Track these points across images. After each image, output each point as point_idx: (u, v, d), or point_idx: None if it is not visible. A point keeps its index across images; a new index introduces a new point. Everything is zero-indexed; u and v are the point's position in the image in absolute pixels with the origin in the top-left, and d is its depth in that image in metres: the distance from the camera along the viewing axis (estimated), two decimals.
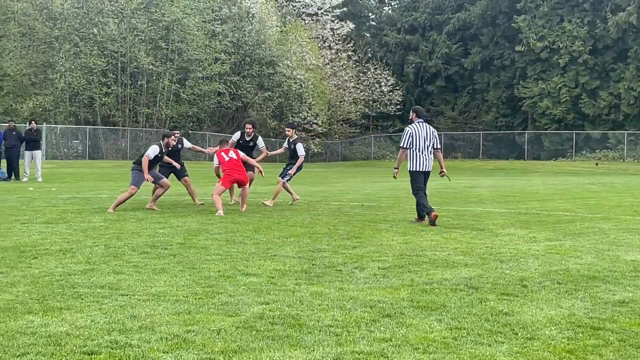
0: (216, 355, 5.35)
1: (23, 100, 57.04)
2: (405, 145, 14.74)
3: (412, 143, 14.68)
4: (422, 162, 14.74)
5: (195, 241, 11.27)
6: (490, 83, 77.82)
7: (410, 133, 14.72)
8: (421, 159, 14.72)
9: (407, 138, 14.72)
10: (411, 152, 14.71)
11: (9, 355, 5.28)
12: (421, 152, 14.70)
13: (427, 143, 14.76)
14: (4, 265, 8.88)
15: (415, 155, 14.69)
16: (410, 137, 14.70)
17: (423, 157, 14.73)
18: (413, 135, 14.69)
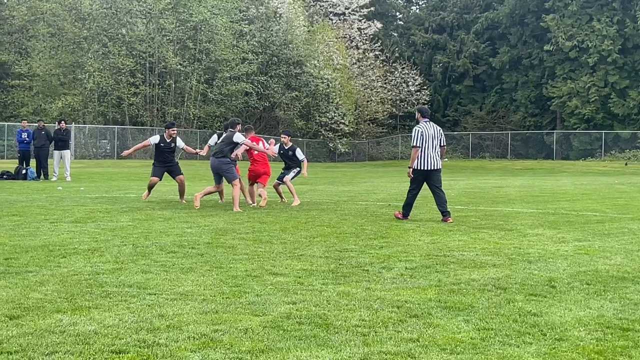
0: (243, 355, 5.35)
1: (52, 100, 57.50)
2: (418, 144, 14.82)
3: (423, 142, 14.80)
4: (430, 161, 14.87)
5: (223, 240, 11.28)
6: (519, 82, 77.46)
7: (421, 132, 14.83)
8: (429, 158, 14.85)
9: (418, 137, 14.82)
10: (420, 152, 14.84)
11: (38, 354, 5.31)
12: (430, 151, 14.83)
13: (435, 142, 14.91)
14: (33, 264, 8.94)
15: (425, 155, 14.83)
16: (420, 137, 14.81)
17: (431, 156, 14.87)
18: (424, 134, 14.81)
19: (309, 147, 71.28)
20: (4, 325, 6.03)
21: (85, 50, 58.19)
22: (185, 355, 5.32)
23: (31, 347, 5.46)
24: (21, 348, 5.44)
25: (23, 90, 61.50)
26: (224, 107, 63.56)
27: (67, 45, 59.17)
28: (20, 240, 11.07)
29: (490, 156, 70.68)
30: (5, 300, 6.95)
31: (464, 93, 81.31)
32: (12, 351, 5.36)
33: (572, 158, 67.09)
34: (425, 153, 14.83)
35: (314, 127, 69.80)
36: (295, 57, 66.99)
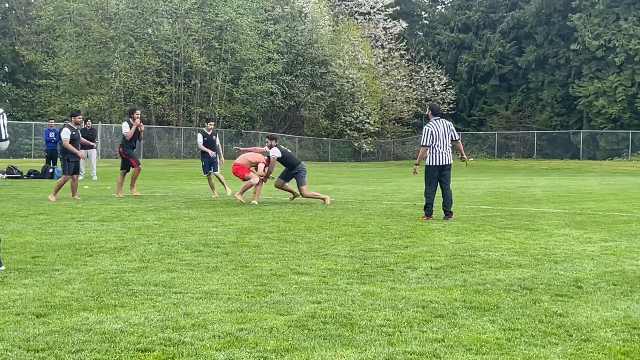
0: (268, 354, 5.36)
1: (79, 99, 57.87)
2: (427, 144, 15.05)
3: (433, 140, 15.02)
4: (442, 158, 15.11)
5: (248, 240, 11.31)
6: (545, 82, 77.05)
7: (431, 131, 15.05)
8: (442, 155, 15.09)
9: (428, 136, 15.03)
10: (433, 150, 15.06)
11: (64, 352, 5.35)
12: (443, 148, 15.08)
13: (447, 140, 15.14)
14: (60, 263, 9.00)
15: (437, 152, 15.06)
16: (431, 135, 15.02)
17: (444, 153, 15.11)
18: (434, 133, 15.03)
19: (334, 147, 71.26)
20: (31, 323, 6.08)
21: (112, 49, 58.50)
22: (210, 354, 5.34)
23: (58, 345, 5.50)
24: (48, 346, 5.48)
25: (50, 89, 61.92)
26: (249, 107, 63.69)
27: (93, 45, 59.50)
28: (47, 238, 11.15)
29: (516, 156, 70.34)
30: (32, 298, 7.00)
31: (490, 92, 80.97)
32: (39, 349, 5.40)
33: (599, 158, 66.64)
34: (437, 150, 15.05)
35: (339, 127, 69.77)
36: (321, 56, 66.99)
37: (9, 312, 6.44)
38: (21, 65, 67.31)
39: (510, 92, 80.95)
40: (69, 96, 60.06)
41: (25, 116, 62.03)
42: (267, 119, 68.97)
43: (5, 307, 6.63)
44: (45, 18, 61.21)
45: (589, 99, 71.06)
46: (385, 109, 74.28)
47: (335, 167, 55.93)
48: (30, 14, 65.98)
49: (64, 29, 59.86)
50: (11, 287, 7.50)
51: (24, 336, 5.72)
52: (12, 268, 8.58)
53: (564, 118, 76.64)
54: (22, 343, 5.54)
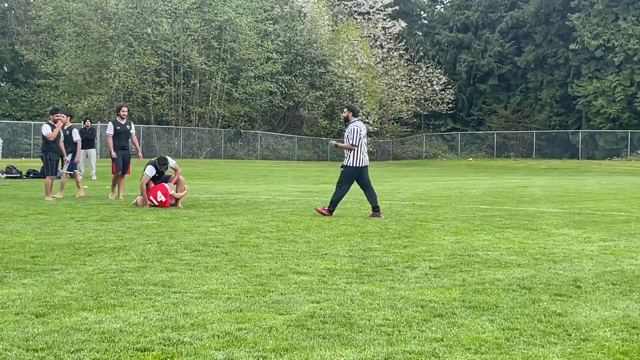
0: (267, 354, 5.37)
1: (78, 99, 57.85)
2: (357, 143, 15.29)
3: (359, 141, 15.30)
4: (364, 159, 15.44)
5: (247, 239, 11.32)
6: (544, 82, 77.04)
7: (358, 131, 15.32)
8: (364, 156, 15.44)
9: (356, 136, 15.29)
10: (357, 150, 15.32)
11: (63, 351, 5.35)
12: (364, 149, 15.42)
13: (365, 140, 15.59)
14: (59, 262, 9.01)
15: (360, 153, 15.34)
16: (358, 136, 15.29)
17: (365, 154, 15.47)
18: (360, 133, 15.33)
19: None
20: (31, 323, 6.09)
21: (111, 49, 58.49)
22: (209, 354, 5.35)
23: (57, 345, 5.51)
24: (47, 345, 5.48)
25: (49, 89, 61.92)
26: (248, 107, 63.71)
27: (92, 45, 59.48)
28: (46, 238, 11.16)
29: (515, 155, 70.33)
30: (32, 298, 7.01)
31: (489, 92, 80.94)
32: (38, 348, 5.41)
33: (598, 158, 66.63)
34: (360, 151, 15.33)
35: (338, 127, 69.76)
36: (320, 56, 67.00)
37: (8, 312, 6.45)
38: (20, 65, 67.31)
39: (509, 91, 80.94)
40: (68, 96, 60.04)
41: (25, 116, 62.05)
42: (266, 118, 68.98)
43: (4, 307, 6.63)
44: (45, 18, 61.20)
45: (588, 98, 71.06)
46: (384, 108, 74.24)
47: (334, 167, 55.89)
48: (29, 14, 65.98)
49: (63, 28, 59.84)
50: (10, 287, 7.51)
51: (23, 336, 5.72)
52: (11, 268, 8.58)
53: (562, 118, 76.63)
54: (21, 342, 5.55)
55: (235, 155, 62.40)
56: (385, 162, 69.23)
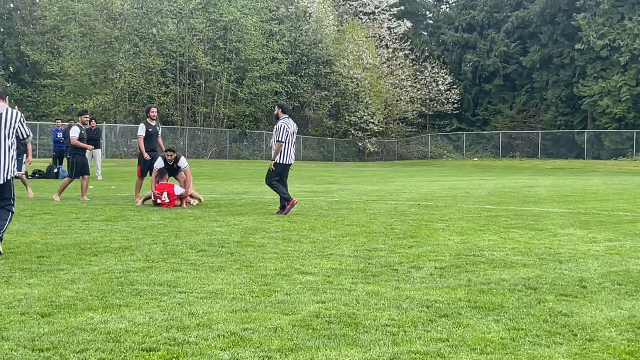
0: (273, 354, 5.37)
1: (83, 99, 57.90)
2: (283, 140, 15.63)
3: (286, 138, 15.65)
4: (291, 156, 15.90)
5: (252, 239, 11.32)
6: (549, 81, 76.97)
7: (286, 128, 15.66)
8: (291, 153, 15.86)
9: (283, 133, 15.64)
10: (285, 147, 15.69)
11: (69, 351, 5.36)
12: (291, 146, 15.86)
13: (294, 139, 15.97)
14: (65, 262, 9.02)
15: (288, 150, 15.75)
16: (285, 132, 15.63)
17: (292, 151, 15.91)
18: (287, 131, 15.67)
19: (338, 146, 71.27)
20: (36, 323, 6.10)
21: (117, 50, 58.55)
22: (214, 354, 5.35)
23: (63, 345, 5.51)
24: (53, 345, 5.49)
25: (55, 89, 61.98)
26: (253, 107, 63.75)
27: (98, 45, 59.54)
28: (52, 238, 11.17)
29: (520, 155, 70.28)
30: (37, 298, 7.01)
31: (494, 92, 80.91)
32: (44, 348, 5.41)
33: (603, 157, 66.55)
34: (289, 148, 15.77)
35: (344, 127, 69.81)
36: (325, 56, 67.01)
37: (14, 312, 6.46)
38: (26, 65, 67.41)
39: (514, 91, 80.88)
40: (73, 96, 60.10)
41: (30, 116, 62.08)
42: (271, 118, 68.81)
43: (10, 307, 6.64)
44: (50, 18, 61.29)
45: (594, 98, 70.97)
46: (389, 108, 74.24)
47: (339, 166, 55.92)
48: (35, 14, 66.08)
49: (69, 29, 59.91)
50: (16, 287, 7.52)
51: (29, 336, 5.73)
52: (17, 268, 8.60)
53: (568, 118, 76.56)
54: (27, 342, 5.55)
55: (241, 155, 62.44)
56: (391, 162, 69.22)
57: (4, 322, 6.11)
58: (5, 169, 9.68)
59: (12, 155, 9.77)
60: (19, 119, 9.82)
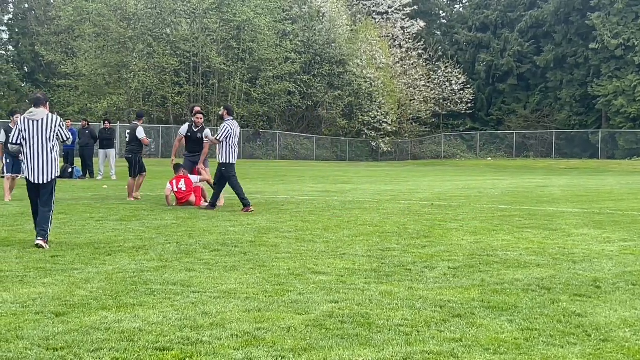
0: (286, 353, 5.37)
1: (98, 99, 58.04)
2: (222, 139, 16.31)
3: (228, 138, 16.29)
4: (234, 156, 16.47)
5: (266, 239, 11.33)
6: (564, 81, 76.69)
7: (228, 129, 16.33)
8: (235, 152, 16.47)
9: (225, 133, 16.30)
10: (227, 146, 16.32)
11: (83, 351, 5.38)
12: (235, 146, 16.50)
13: (237, 140, 16.57)
14: (79, 262, 9.05)
15: (232, 149, 16.41)
16: (227, 133, 16.29)
17: (235, 150, 16.48)
18: (230, 132, 16.30)
19: (351, 146, 71.24)
20: (51, 322, 6.12)
21: (130, 50, 58.67)
22: (228, 353, 5.36)
23: (77, 344, 5.53)
24: (67, 344, 5.51)
25: (69, 89, 62.14)
26: (267, 107, 63.79)
27: (112, 45, 59.67)
28: (66, 238, 11.22)
29: (534, 155, 70.05)
30: (52, 297, 7.05)
31: (508, 92, 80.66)
32: (58, 348, 5.44)
33: (618, 157, 66.22)
34: (233, 148, 16.39)
35: (357, 126, 69.75)
36: (338, 56, 66.97)
37: (28, 311, 6.49)
38: (40, 66, 67.64)
39: (528, 91, 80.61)
40: (88, 96, 60.25)
41: None
42: (284, 118, 69.05)
43: (25, 306, 6.67)
44: (65, 18, 61.44)
45: (608, 98, 70.66)
46: (403, 108, 74.14)
47: (352, 166, 55.90)
48: (49, 15, 66.28)
49: (83, 29, 60.06)
50: (31, 286, 7.55)
51: (43, 335, 5.76)
52: (31, 267, 8.64)
53: (582, 117, 76.24)
54: (41, 342, 5.58)
55: (254, 155, 62.49)
56: (404, 162, 69.14)
57: (18, 321, 6.14)
58: (48, 171, 10.66)
59: (55, 157, 10.75)
60: (58, 123, 10.82)
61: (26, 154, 10.73)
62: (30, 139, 10.65)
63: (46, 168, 10.64)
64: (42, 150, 10.63)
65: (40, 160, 10.62)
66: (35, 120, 10.68)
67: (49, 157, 10.67)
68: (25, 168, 10.82)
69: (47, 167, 10.65)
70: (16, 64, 68.64)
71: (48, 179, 10.66)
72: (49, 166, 10.67)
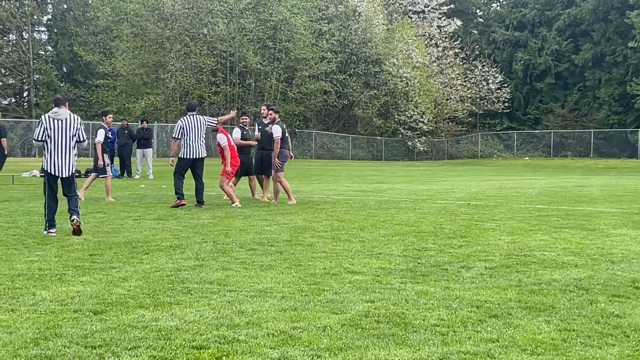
0: (322, 352, 5.38)
1: (135, 99, 58.45)
2: (177, 137, 16.84)
3: (182, 134, 16.62)
4: (192, 151, 16.60)
5: (301, 238, 11.35)
6: (602, 80, 75.98)
7: (181, 125, 16.72)
8: (191, 147, 16.58)
9: (178, 130, 16.75)
10: (183, 142, 16.66)
11: (121, 349, 5.42)
12: (192, 141, 16.60)
13: (200, 133, 16.75)
14: (117, 261, 9.13)
15: (186, 145, 16.60)
16: (180, 129, 16.69)
17: (194, 146, 16.60)
18: (184, 127, 16.61)
19: (387, 146, 71.11)
20: (89, 320, 6.18)
21: (168, 50, 59.01)
22: (264, 352, 5.38)
23: (115, 342, 5.58)
24: (105, 342, 5.56)
25: (107, 89, 62.65)
26: (303, 106, 63.88)
27: (149, 46, 60.06)
28: (104, 237, 11.31)
29: (572, 155, 69.49)
30: (90, 295, 7.11)
31: (546, 91, 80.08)
32: (96, 345, 5.48)
33: None
34: (187, 144, 16.58)
35: (393, 126, 69.63)
36: (374, 55, 66.90)
37: (67, 309, 6.55)
38: (79, 66, 68.24)
39: (566, 90, 79.97)
40: (125, 96, 60.72)
41: (83, 116, 62.73)
42: (320, 118, 69.08)
43: (63, 304, 6.74)
44: (103, 19, 61.98)
45: None
46: (439, 107, 73.91)
47: (388, 166, 55.80)
48: (88, 15, 66.87)
49: (121, 29, 60.52)
50: (69, 285, 7.63)
51: (81, 333, 5.81)
52: (70, 265, 8.73)
53: (621, 116, 75.46)
54: (79, 339, 5.63)
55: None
56: (440, 162, 68.91)
57: (57, 319, 6.21)
58: (70, 165, 11.83)
59: (75, 154, 11.95)
60: (80, 122, 12.03)
61: (50, 149, 11.77)
62: (54, 136, 11.73)
63: (68, 163, 11.80)
64: (64, 147, 11.76)
65: (62, 156, 11.76)
66: (60, 119, 11.78)
67: (71, 153, 11.83)
68: (47, 162, 11.84)
69: (69, 162, 11.81)
70: (55, 64, 69.34)
71: (69, 173, 11.84)
72: (72, 161, 11.85)
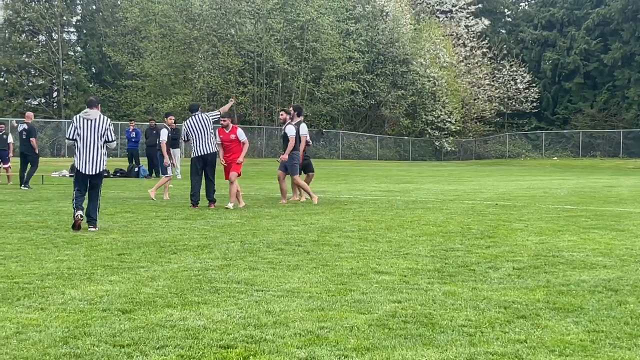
0: (349, 352, 5.38)
1: (163, 99, 58.70)
2: (184, 139, 17.41)
3: (189, 135, 17.01)
4: (201, 148, 16.85)
5: (329, 238, 11.35)
6: (632, 79, 75.36)
7: (186, 127, 17.06)
8: (200, 145, 16.84)
9: (184, 132, 17.20)
10: (192, 142, 16.98)
11: (149, 348, 5.45)
12: (200, 139, 16.86)
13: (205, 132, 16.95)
14: (145, 260, 9.18)
15: (195, 144, 16.92)
16: (186, 131, 17.06)
17: (202, 143, 16.85)
18: (188, 128, 16.94)
19: (414, 146, 70.97)
20: (117, 319, 6.22)
21: (196, 50, 59.23)
22: (291, 352, 5.39)
23: (143, 341, 5.61)
24: (133, 342, 5.59)
25: (136, 90, 62.99)
26: (330, 106, 63.88)
27: (177, 46, 60.31)
28: (132, 236, 11.38)
29: (601, 155, 69.01)
30: (119, 294, 7.15)
31: (574, 90, 79.57)
32: (124, 344, 5.52)
33: None
34: (195, 144, 16.90)
35: (420, 126, 69.49)
36: (402, 55, 66.78)
37: (95, 308, 6.60)
38: (108, 66, 68.67)
39: (595, 90, 79.42)
40: (154, 96, 61.01)
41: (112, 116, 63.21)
42: (347, 118, 69.05)
43: (92, 303, 6.79)
44: (131, 19, 62.31)
45: None
46: (466, 107, 73.66)
47: (416, 166, 55.69)
48: (116, 16, 67.26)
49: (149, 30, 60.82)
50: (98, 284, 7.68)
51: (110, 332, 5.85)
52: (99, 265, 8.79)
53: None
54: (108, 338, 5.67)
55: (317, 154, 62.64)
56: (468, 162, 68.66)
57: (86, 318, 6.25)
58: (99, 163, 12.40)
59: (104, 152, 12.51)
60: (109, 123, 12.60)
61: (79, 148, 12.35)
62: (84, 135, 12.33)
63: (97, 161, 12.37)
64: (94, 146, 12.34)
65: (92, 155, 12.32)
66: (90, 119, 12.36)
67: (100, 152, 12.38)
68: (77, 160, 12.40)
69: (99, 160, 12.38)
70: (84, 65, 69.80)
71: (98, 171, 12.41)
72: (100, 160, 12.42)
